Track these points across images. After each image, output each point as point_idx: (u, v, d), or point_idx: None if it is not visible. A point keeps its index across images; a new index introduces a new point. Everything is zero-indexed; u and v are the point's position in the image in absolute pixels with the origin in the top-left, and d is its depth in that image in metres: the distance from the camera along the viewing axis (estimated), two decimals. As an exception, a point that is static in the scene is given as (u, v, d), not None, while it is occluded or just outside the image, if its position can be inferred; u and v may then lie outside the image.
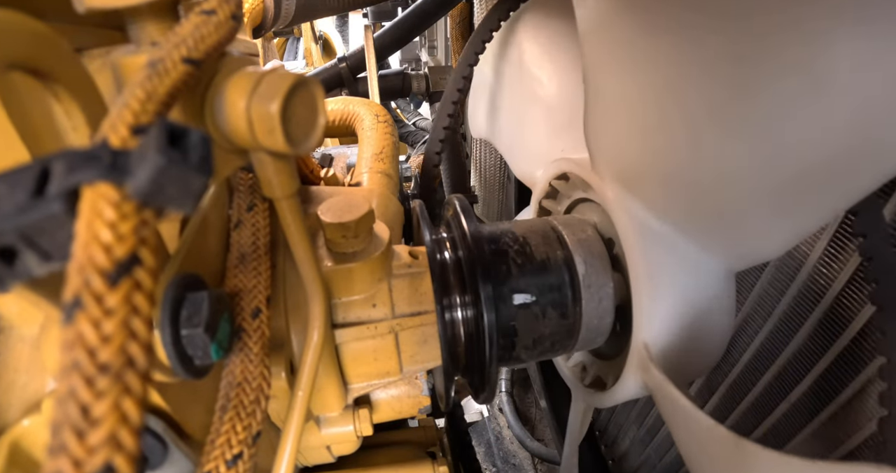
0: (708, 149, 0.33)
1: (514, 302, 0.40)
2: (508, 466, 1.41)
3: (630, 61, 0.36)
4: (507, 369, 1.46)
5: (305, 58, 1.86)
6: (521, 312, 0.41)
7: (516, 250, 0.42)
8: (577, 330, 0.42)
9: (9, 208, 0.16)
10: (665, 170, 0.37)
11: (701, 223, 0.37)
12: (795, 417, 0.52)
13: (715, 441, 0.30)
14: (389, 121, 0.71)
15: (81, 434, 0.14)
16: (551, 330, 0.42)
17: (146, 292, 0.17)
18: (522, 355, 0.42)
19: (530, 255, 0.42)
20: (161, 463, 0.30)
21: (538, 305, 0.41)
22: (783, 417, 0.53)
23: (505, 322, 0.40)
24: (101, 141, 0.19)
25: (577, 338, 0.43)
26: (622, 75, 0.37)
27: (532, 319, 0.41)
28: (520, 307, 0.41)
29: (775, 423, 0.55)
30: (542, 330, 0.41)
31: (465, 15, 1.27)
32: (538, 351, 0.43)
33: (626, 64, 0.37)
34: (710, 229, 0.37)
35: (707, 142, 0.32)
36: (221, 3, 0.27)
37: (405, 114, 1.84)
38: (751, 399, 0.58)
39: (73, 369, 0.15)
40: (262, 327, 0.33)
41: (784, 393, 0.53)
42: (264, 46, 1.27)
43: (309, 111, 0.29)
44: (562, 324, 0.42)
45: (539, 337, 0.42)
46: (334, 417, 0.44)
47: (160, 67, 0.23)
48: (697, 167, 0.34)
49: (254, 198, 0.39)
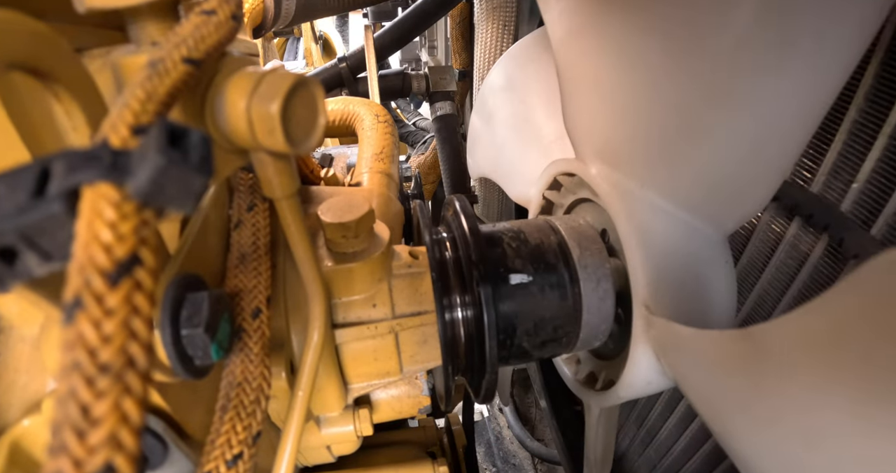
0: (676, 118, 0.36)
1: (511, 282, 0.41)
2: (508, 466, 1.41)
3: (598, 52, 0.40)
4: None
5: (305, 58, 1.87)
6: (519, 292, 0.41)
7: (511, 237, 0.43)
8: (578, 312, 0.42)
9: (9, 208, 0.16)
10: (641, 141, 0.39)
11: (682, 186, 0.39)
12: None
13: (729, 352, 0.29)
14: (389, 121, 0.71)
15: (82, 434, 0.14)
16: (552, 313, 0.41)
17: (146, 292, 0.17)
18: (524, 343, 0.42)
19: (525, 240, 0.43)
20: (161, 463, 0.30)
21: (535, 285, 0.41)
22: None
23: (504, 303, 0.40)
24: (102, 141, 0.19)
25: (580, 324, 0.42)
26: (592, 65, 0.41)
27: (531, 300, 0.41)
28: (517, 287, 0.41)
29: (775, 423, 0.55)
30: (543, 313, 0.41)
31: (465, 15, 1.28)
32: (541, 337, 0.42)
33: (593, 55, 0.41)
34: (691, 191, 0.39)
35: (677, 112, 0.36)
36: (221, 3, 0.27)
37: (405, 114, 1.84)
38: (751, 399, 0.58)
39: (74, 369, 0.15)
40: (262, 327, 0.33)
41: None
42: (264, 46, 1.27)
43: (309, 111, 0.29)
44: (562, 306, 0.41)
45: (540, 321, 0.41)
46: (334, 417, 0.44)
47: (160, 67, 0.23)
48: (670, 136, 0.37)
49: (254, 198, 0.39)
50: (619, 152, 0.41)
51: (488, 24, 1.01)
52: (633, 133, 0.40)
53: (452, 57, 1.37)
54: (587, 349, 0.45)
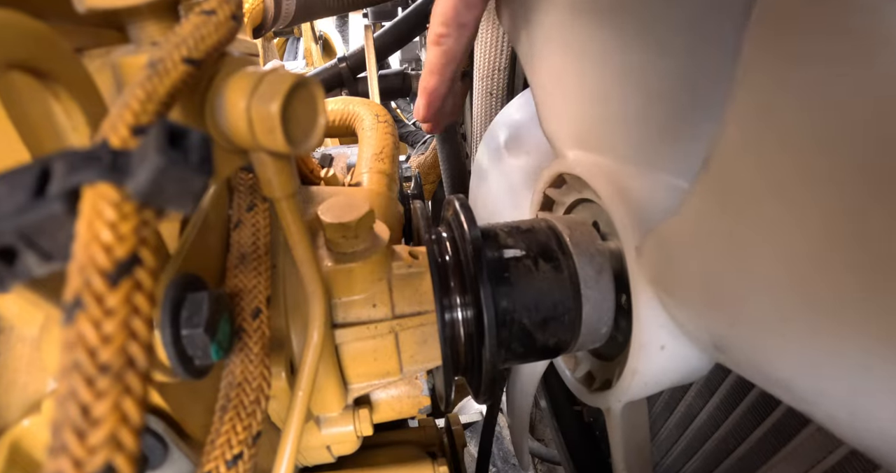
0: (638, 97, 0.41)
1: (505, 256, 0.42)
2: (508, 466, 1.41)
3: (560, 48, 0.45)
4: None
5: (305, 58, 1.87)
6: (513, 264, 0.41)
7: (507, 232, 0.45)
8: (576, 285, 0.42)
9: (9, 208, 0.16)
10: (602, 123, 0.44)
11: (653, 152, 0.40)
12: (796, 417, 0.52)
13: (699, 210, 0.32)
14: (389, 121, 0.71)
15: (82, 435, 0.14)
16: (549, 285, 0.41)
17: (147, 292, 0.17)
18: (525, 319, 0.41)
19: (516, 226, 0.45)
20: (161, 463, 0.30)
21: (529, 258, 0.42)
22: (783, 417, 0.53)
23: (499, 276, 0.41)
24: (102, 141, 0.19)
25: (580, 297, 0.42)
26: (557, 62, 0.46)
27: (526, 272, 0.41)
28: (511, 259, 0.42)
29: (775, 423, 0.55)
30: (540, 285, 0.41)
31: (465, 15, 1.27)
32: (542, 313, 0.42)
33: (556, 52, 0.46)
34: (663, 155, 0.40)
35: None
36: (222, 3, 0.27)
37: (405, 114, 1.85)
38: (751, 398, 0.58)
39: (74, 369, 0.15)
40: (262, 327, 0.33)
41: (784, 393, 0.53)
42: (264, 46, 1.27)
43: (309, 111, 0.29)
44: (558, 278, 0.42)
45: (538, 294, 0.41)
46: (334, 417, 0.44)
47: (160, 67, 0.23)
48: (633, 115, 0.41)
49: (254, 198, 0.39)
50: (587, 137, 0.45)
51: (488, 24, 1.01)
52: (596, 117, 0.44)
53: (452, 57, 1.37)
54: (595, 336, 0.44)
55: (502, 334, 0.41)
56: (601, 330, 0.44)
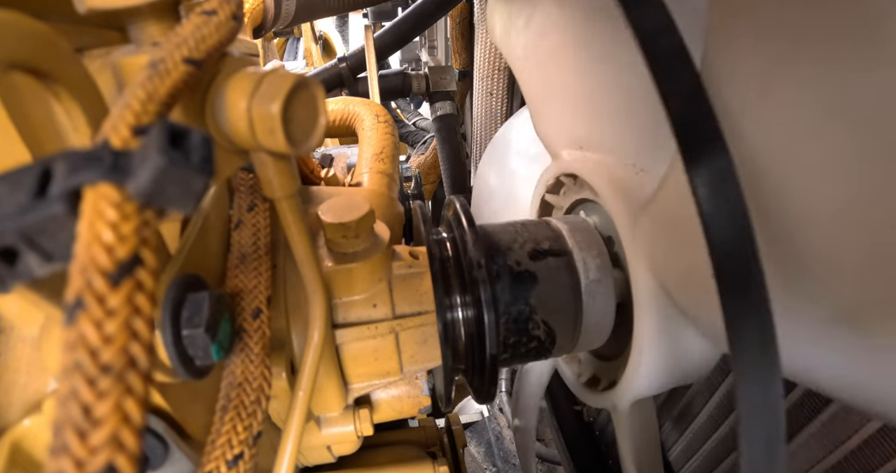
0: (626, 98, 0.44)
1: (505, 256, 0.43)
2: (508, 466, 1.41)
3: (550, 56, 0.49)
4: (507, 369, 1.46)
5: (305, 58, 1.86)
6: (513, 264, 0.43)
7: (500, 227, 0.47)
8: (576, 283, 0.43)
9: (10, 209, 0.16)
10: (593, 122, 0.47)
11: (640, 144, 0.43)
12: (796, 417, 0.52)
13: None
14: (390, 121, 0.71)
15: (83, 435, 0.14)
16: (549, 285, 0.42)
17: (148, 292, 0.17)
18: (525, 319, 0.42)
19: (516, 225, 0.47)
20: (162, 463, 0.30)
21: (529, 258, 0.44)
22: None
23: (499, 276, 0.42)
24: (103, 141, 0.19)
25: (580, 298, 0.43)
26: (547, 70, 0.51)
27: (526, 272, 0.43)
28: (511, 259, 0.43)
29: (775, 423, 0.54)
30: (540, 284, 0.42)
31: (465, 15, 1.27)
32: (542, 313, 0.43)
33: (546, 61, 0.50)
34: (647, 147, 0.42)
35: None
36: (222, 3, 0.27)
37: (405, 114, 1.84)
38: (751, 399, 0.58)
39: (75, 369, 0.15)
40: (262, 327, 0.33)
41: (784, 393, 0.53)
42: (264, 46, 1.27)
43: (309, 111, 0.29)
44: (558, 278, 0.43)
45: (539, 293, 0.42)
46: (335, 417, 0.44)
47: (161, 68, 0.23)
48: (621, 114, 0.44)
49: (254, 198, 0.39)
50: (579, 136, 0.49)
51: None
52: (586, 117, 0.48)
53: (452, 57, 1.37)
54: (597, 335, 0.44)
55: (502, 334, 0.41)
56: (603, 328, 0.44)
